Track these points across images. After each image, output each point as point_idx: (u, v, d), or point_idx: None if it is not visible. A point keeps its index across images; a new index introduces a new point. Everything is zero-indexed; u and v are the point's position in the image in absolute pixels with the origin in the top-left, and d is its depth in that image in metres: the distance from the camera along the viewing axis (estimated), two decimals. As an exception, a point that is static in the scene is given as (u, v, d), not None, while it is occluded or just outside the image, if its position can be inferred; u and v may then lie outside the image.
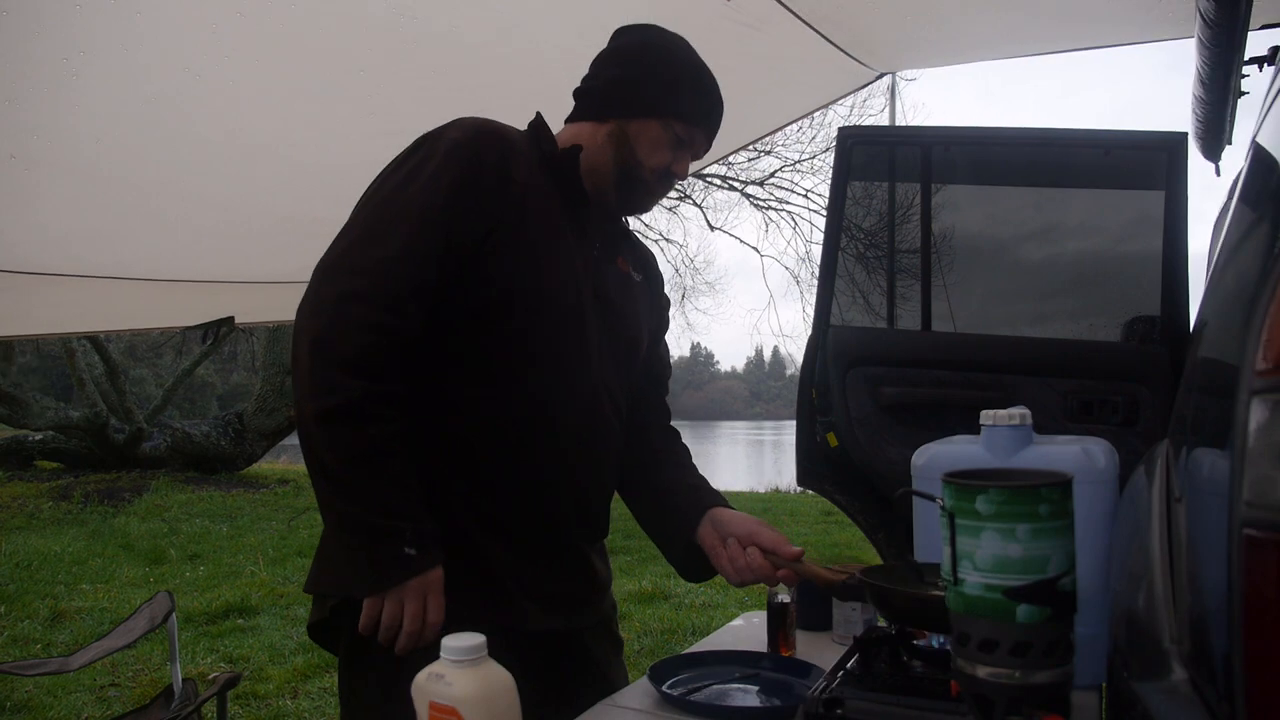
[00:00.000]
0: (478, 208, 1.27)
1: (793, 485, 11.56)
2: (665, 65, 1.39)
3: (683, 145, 1.41)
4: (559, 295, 1.34)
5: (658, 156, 1.39)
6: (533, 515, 1.35)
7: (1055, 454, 1.40)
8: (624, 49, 1.43)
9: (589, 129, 1.41)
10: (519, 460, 1.32)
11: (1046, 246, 2.46)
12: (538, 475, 1.34)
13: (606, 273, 1.45)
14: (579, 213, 1.41)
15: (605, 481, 1.46)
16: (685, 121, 1.39)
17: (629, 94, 1.38)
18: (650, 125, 1.37)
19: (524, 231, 1.30)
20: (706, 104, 1.42)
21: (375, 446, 1.18)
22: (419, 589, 1.18)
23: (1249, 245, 0.99)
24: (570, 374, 1.36)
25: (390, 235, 1.23)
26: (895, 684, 1.15)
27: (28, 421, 11.08)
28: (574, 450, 1.36)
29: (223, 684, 2.52)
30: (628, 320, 1.48)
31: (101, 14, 1.74)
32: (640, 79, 1.38)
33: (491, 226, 1.28)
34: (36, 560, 6.87)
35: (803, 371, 2.44)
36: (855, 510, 2.39)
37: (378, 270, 1.21)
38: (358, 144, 2.63)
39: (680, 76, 1.39)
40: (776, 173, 13.74)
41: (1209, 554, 0.72)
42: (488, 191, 1.28)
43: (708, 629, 4.66)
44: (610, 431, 1.44)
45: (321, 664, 4.44)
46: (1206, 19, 1.50)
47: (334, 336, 1.19)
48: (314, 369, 1.18)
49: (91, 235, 2.94)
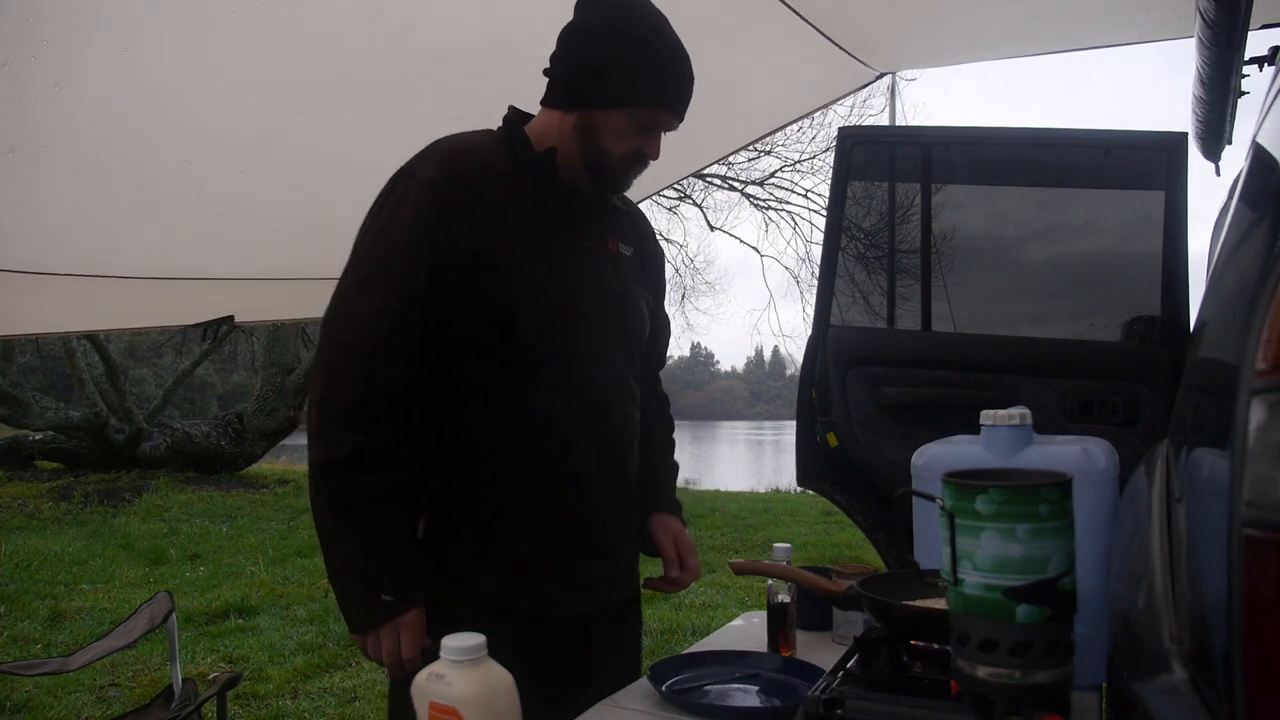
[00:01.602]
0: (458, 239, 1.33)
1: (793, 485, 11.56)
2: (626, 52, 1.38)
3: (649, 128, 1.41)
4: (556, 298, 1.40)
5: (624, 144, 1.40)
6: (551, 502, 1.41)
7: (1055, 454, 1.40)
8: (587, 31, 1.41)
9: (556, 119, 1.43)
10: (536, 454, 1.39)
11: (1047, 246, 2.46)
12: (555, 467, 1.40)
13: (601, 260, 1.49)
14: (562, 208, 1.44)
15: (623, 464, 1.51)
16: (649, 107, 1.39)
17: (591, 85, 1.39)
18: (614, 115, 1.38)
19: (510, 246, 1.36)
20: (671, 86, 1.41)
21: (363, 497, 1.30)
22: (393, 630, 1.31)
23: (1249, 245, 0.99)
24: (578, 368, 1.41)
25: (379, 280, 1.32)
26: (895, 684, 1.15)
27: (28, 421, 11.08)
28: (589, 440, 1.43)
29: (223, 684, 2.52)
30: (627, 302, 1.53)
31: (101, 9, 1.74)
32: (601, 69, 1.38)
33: (476, 251, 1.34)
34: (36, 560, 6.87)
35: (803, 371, 2.44)
36: (855, 510, 2.39)
37: (368, 317, 1.32)
38: (360, 140, 2.63)
39: (641, 62, 1.38)
40: (776, 173, 13.74)
41: (1209, 554, 0.72)
42: (464, 221, 1.34)
43: (708, 629, 4.66)
44: (623, 417, 1.49)
45: (321, 664, 4.44)
46: (1206, 19, 1.50)
47: (333, 393, 1.32)
48: (317, 422, 1.32)
49: (90, 234, 2.94)
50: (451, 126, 1.46)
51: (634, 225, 1.62)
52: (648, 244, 1.65)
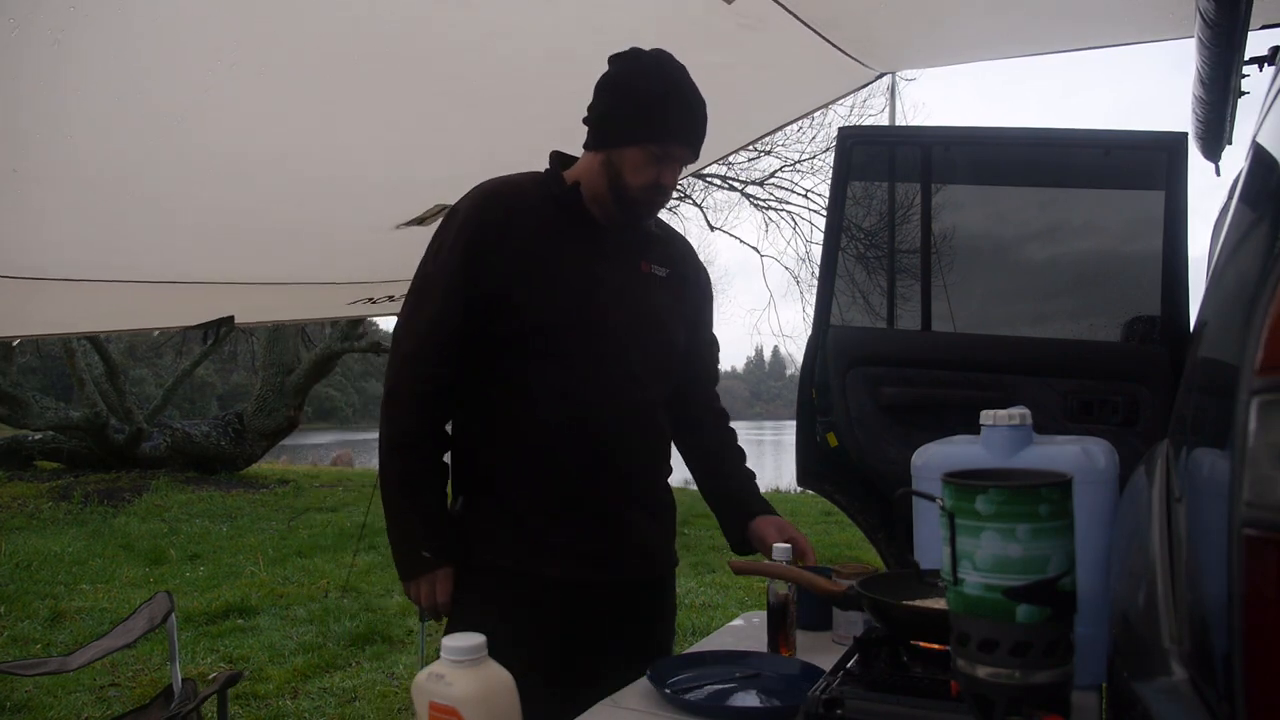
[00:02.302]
0: (489, 267, 1.59)
1: (793, 485, 11.56)
2: (637, 95, 1.58)
3: (665, 160, 1.60)
4: (572, 310, 1.61)
5: (643, 176, 1.60)
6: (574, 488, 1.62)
7: (1055, 454, 1.40)
8: (605, 82, 1.64)
9: (588, 160, 1.66)
10: (556, 447, 1.61)
11: (1047, 246, 2.46)
12: (573, 459, 1.61)
13: (629, 278, 1.69)
14: (588, 234, 1.66)
15: (638, 457, 1.69)
16: (660, 142, 1.58)
17: (609, 128, 1.61)
18: (631, 152, 1.59)
19: (537, 271, 1.60)
20: (680, 120, 1.60)
21: (412, 473, 1.63)
22: (430, 580, 1.62)
23: (1249, 245, 0.99)
24: (597, 374, 1.61)
25: (428, 302, 1.63)
26: (895, 684, 1.15)
27: (28, 421, 11.08)
28: (605, 434, 1.62)
29: (223, 682, 2.52)
30: (652, 317, 1.71)
31: (99, 19, 1.74)
32: (617, 114, 1.60)
33: (507, 276, 1.58)
34: (36, 560, 6.87)
35: (803, 371, 2.44)
36: (855, 510, 2.39)
37: (422, 333, 1.62)
38: (359, 148, 2.63)
39: (650, 103, 1.58)
40: (776, 173, 13.72)
41: (1209, 554, 0.72)
42: (494, 252, 1.59)
43: (708, 629, 4.66)
44: (640, 415, 1.67)
45: (321, 664, 4.44)
46: (1206, 19, 1.50)
47: (398, 390, 1.63)
48: (385, 411, 1.64)
49: (91, 239, 2.94)
50: (449, 138, 1.47)
51: (670, 248, 1.80)
52: (688, 266, 1.83)
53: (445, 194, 2.99)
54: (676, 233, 1.89)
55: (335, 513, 9.34)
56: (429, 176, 2.90)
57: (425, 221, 3.15)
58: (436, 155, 2.75)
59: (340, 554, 7.05)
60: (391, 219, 3.21)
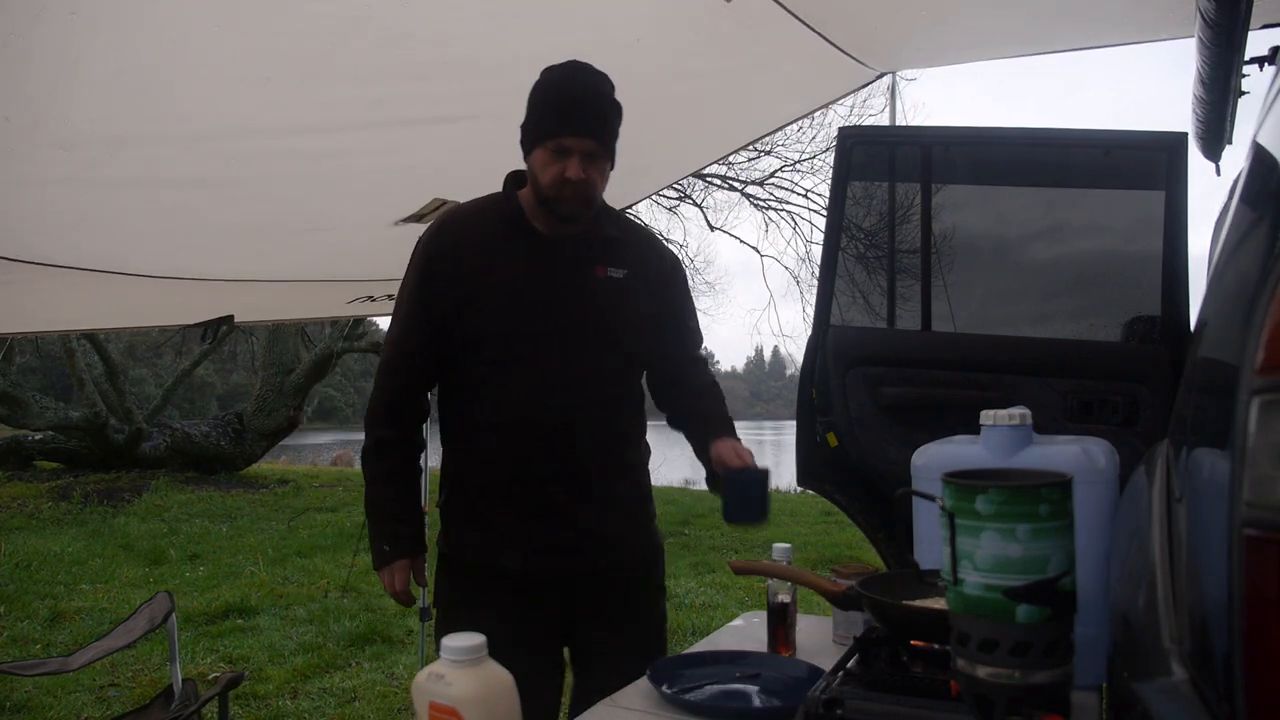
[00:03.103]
0: (439, 295, 1.74)
1: (793, 485, 11.56)
2: (533, 102, 1.70)
3: (563, 153, 1.66)
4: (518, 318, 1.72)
5: (548, 174, 1.68)
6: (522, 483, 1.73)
7: (1055, 454, 1.40)
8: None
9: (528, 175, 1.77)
10: (510, 445, 1.72)
11: (1047, 246, 2.46)
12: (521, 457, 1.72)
13: (584, 282, 1.76)
14: (534, 246, 1.75)
15: (589, 452, 1.76)
16: (553, 136, 1.66)
17: (522, 140, 1.74)
18: (535, 155, 1.70)
19: (484, 289, 1.72)
20: (568, 112, 1.66)
21: (383, 474, 1.82)
22: (389, 571, 1.78)
23: (1249, 245, 0.99)
24: (543, 378, 1.71)
25: (396, 323, 1.82)
26: (895, 684, 1.15)
27: (27, 421, 11.07)
28: (551, 433, 1.71)
29: (225, 683, 2.52)
30: (611, 316, 1.78)
31: (104, 8, 1.74)
32: (524, 125, 1.73)
33: (457, 299, 1.72)
34: (36, 560, 6.87)
35: (803, 371, 2.43)
36: (855, 510, 2.39)
37: (392, 350, 1.82)
38: (360, 144, 2.63)
39: (540, 103, 1.69)
40: (776, 173, 13.70)
41: (1209, 554, 0.72)
42: (445, 280, 1.74)
43: (708, 629, 4.66)
44: (590, 413, 1.75)
45: (321, 664, 4.44)
46: (1206, 19, 1.50)
47: (372, 399, 1.84)
48: (365, 419, 1.84)
49: (92, 226, 2.93)
50: (446, 133, 1.47)
51: (628, 250, 1.84)
52: (649, 266, 1.87)
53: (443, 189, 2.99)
54: (641, 230, 1.98)
55: (335, 513, 9.34)
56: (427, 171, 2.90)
57: (424, 218, 3.15)
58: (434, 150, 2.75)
59: (340, 554, 7.04)
60: (390, 215, 3.20)
